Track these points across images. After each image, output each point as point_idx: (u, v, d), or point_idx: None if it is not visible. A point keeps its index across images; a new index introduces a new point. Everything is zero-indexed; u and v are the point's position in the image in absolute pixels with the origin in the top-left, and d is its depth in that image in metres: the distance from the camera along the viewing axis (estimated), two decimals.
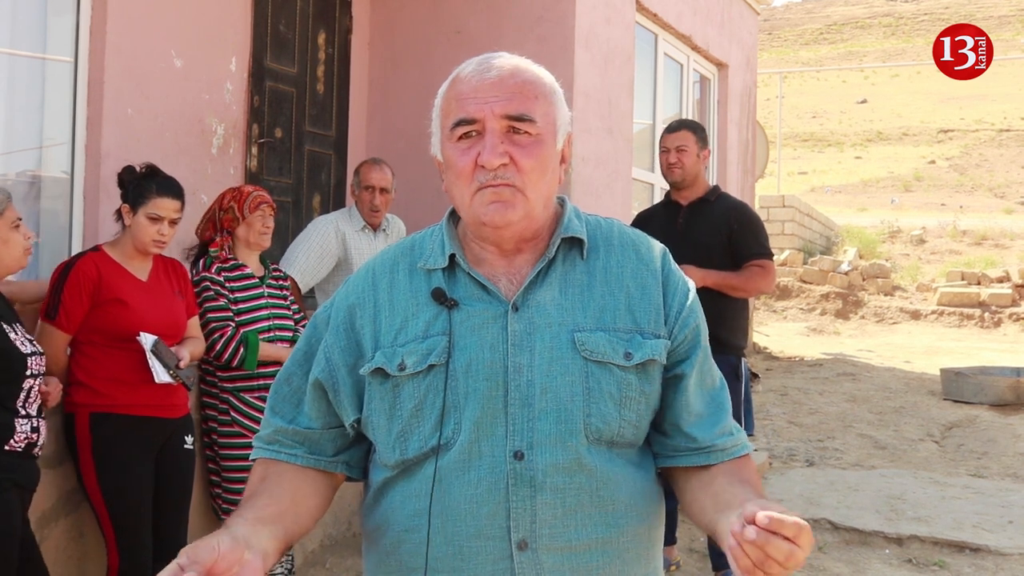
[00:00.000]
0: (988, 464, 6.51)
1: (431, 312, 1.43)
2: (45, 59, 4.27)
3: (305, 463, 1.49)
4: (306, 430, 1.50)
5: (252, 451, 1.55)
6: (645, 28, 7.18)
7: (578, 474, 1.37)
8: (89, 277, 3.20)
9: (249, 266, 3.86)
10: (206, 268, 3.77)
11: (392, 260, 1.51)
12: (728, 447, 1.46)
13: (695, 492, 1.44)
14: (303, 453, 1.50)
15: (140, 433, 3.27)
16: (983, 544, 4.73)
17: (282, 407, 1.52)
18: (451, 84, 1.45)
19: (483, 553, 1.37)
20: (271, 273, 3.95)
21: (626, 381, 1.41)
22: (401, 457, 1.42)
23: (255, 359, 3.70)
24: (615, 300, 1.44)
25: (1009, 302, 13.90)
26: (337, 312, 1.51)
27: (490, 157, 1.37)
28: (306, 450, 1.50)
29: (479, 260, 1.46)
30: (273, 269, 4.00)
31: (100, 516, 3.25)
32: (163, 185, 3.34)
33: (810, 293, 14.46)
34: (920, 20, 58.86)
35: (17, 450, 2.83)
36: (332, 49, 5.87)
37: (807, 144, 34.28)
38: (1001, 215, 20.48)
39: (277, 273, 4.03)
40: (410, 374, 1.41)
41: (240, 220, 3.82)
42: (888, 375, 9.95)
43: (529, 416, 1.38)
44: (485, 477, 1.37)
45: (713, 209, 4.30)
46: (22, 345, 2.87)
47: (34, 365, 2.90)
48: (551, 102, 1.45)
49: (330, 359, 1.48)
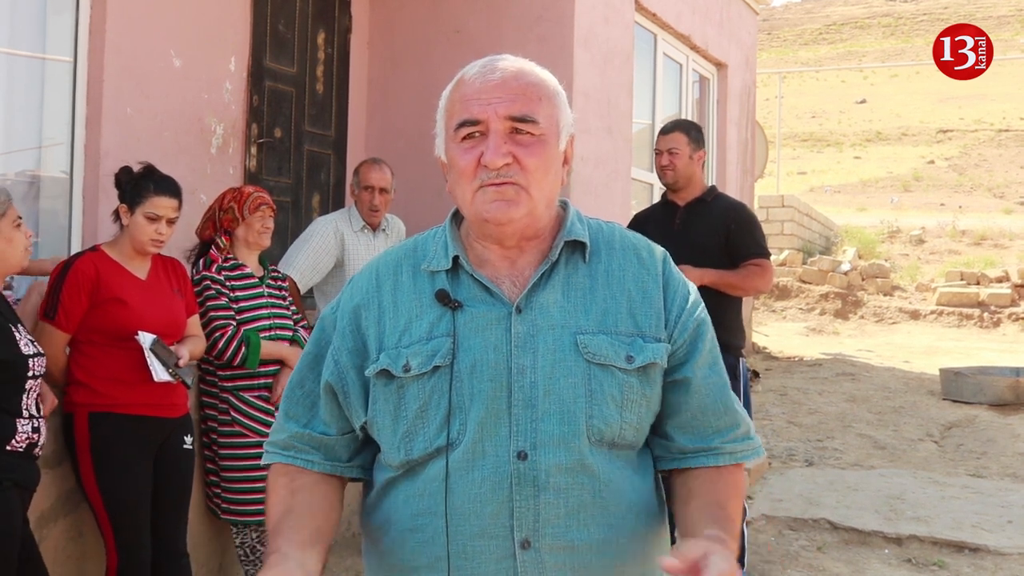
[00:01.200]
0: (987, 464, 6.51)
1: (435, 313, 1.44)
2: (44, 59, 4.27)
3: (322, 469, 1.51)
4: (322, 436, 1.51)
5: (264, 456, 1.56)
6: (644, 28, 7.18)
7: (581, 475, 1.39)
8: (88, 276, 3.20)
9: (249, 266, 3.86)
10: (206, 267, 3.77)
11: (396, 261, 1.52)
12: (736, 451, 1.48)
13: (677, 502, 1.47)
14: (320, 459, 1.51)
15: (139, 432, 3.27)
16: (982, 544, 4.73)
17: (296, 411, 1.53)
18: (455, 86, 1.46)
19: (486, 552, 1.38)
20: (270, 273, 3.95)
21: (628, 384, 1.42)
22: (406, 458, 1.43)
23: (257, 358, 3.70)
24: (617, 303, 1.46)
25: (1008, 302, 13.90)
26: (343, 314, 1.51)
27: (493, 157, 1.38)
28: (322, 456, 1.51)
29: (482, 262, 1.47)
30: (272, 270, 4.00)
31: (98, 515, 3.25)
32: (160, 184, 3.34)
33: (809, 293, 14.47)
34: (919, 20, 58.88)
35: (18, 450, 2.83)
36: (331, 49, 5.87)
37: (806, 144, 34.29)
38: (1000, 215, 20.49)
39: (276, 273, 4.03)
40: (415, 375, 1.42)
41: (240, 220, 3.82)
42: (887, 375, 9.95)
43: (532, 417, 1.39)
44: (489, 477, 1.38)
45: (710, 209, 4.30)
46: (25, 347, 2.88)
47: (36, 366, 2.91)
48: (554, 104, 1.46)
49: (338, 362, 1.49)
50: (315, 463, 1.51)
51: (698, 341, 1.49)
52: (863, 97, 41.27)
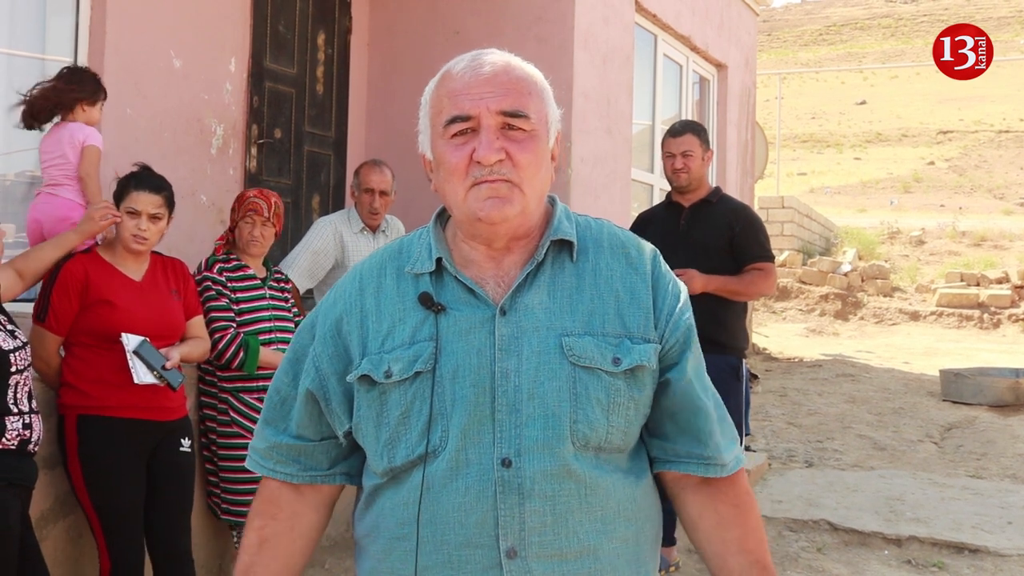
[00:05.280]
0: (987, 465, 6.51)
1: (418, 317, 1.41)
2: (44, 59, 4.27)
3: (300, 481, 1.51)
4: (300, 443, 1.50)
5: (247, 459, 1.56)
6: (644, 29, 7.18)
7: (566, 481, 1.36)
8: (76, 278, 3.19)
9: (251, 267, 3.85)
10: (208, 267, 3.77)
11: (379, 264, 1.49)
12: (728, 462, 1.46)
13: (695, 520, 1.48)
14: (298, 471, 1.51)
15: (129, 436, 3.24)
16: (982, 545, 4.73)
17: (272, 416, 1.53)
18: (441, 81, 1.43)
19: (472, 562, 1.35)
20: (272, 275, 3.95)
21: (615, 387, 1.39)
22: (389, 465, 1.40)
23: (255, 363, 3.69)
24: (604, 304, 1.42)
25: (1008, 303, 13.90)
26: (324, 319, 1.49)
27: (487, 153, 1.35)
28: (300, 467, 1.51)
29: (467, 263, 1.44)
30: (275, 271, 4.00)
31: (90, 518, 3.23)
32: (140, 180, 3.32)
33: (809, 294, 14.47)
34: (919, 21, 58.89)
35: (11, 448, 2.82)
36: (331, 50, 5.87)
37: (806, 145, 34.30)
38: (1000, 216, 20.49)
39: (279, 275, 4.02)
40: (396, 381, 1.39)
41: (236, 222, 3.83)
42: (887, 376, 9.95)
43: (516, 423, 1.36)
44: (473, 485, 1.35)
45: (715, 211, 4.29)
46: (4, 342, 2.85)
47: (18, 360, 2.88)
48: (543, 99, 1.43)
49: (319, 368, 1.47)
50: (294, 476, 1.51)
51: (690, 342, 1.47)
52: (863, 98, 41.28)
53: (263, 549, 1.51)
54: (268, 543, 1.51)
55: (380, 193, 4.52)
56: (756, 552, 1.45)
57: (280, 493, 1.52)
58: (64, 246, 3.27)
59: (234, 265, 3.81)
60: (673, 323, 1.44)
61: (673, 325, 1.44)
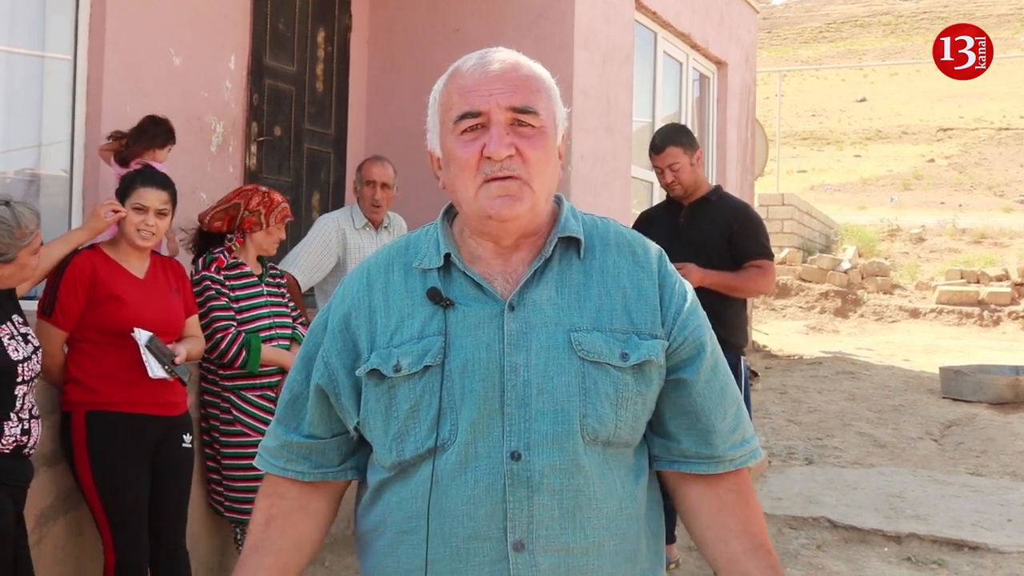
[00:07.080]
0: (987, 462, 6.52)
1: (427, 312, 1.42)
2: (44, 57, 4.27)
3: (312, 479, 1.51)
4: (311, 441, 1.50)
5: (257, 459, 1.56)
6: (644, 26, 7.18)
7: (575, 475, 1.37)
8: (84, 274, 3.20)
9: (247, 264, 3.86)
10: (206, 267, 3.76)
11: (387, 260, 1.50)
12: (735, 457, 1.47)
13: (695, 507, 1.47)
14: (309, 468, 1.51)
15: (136, 431, 3.26)
16: (982, 542, 4.73)
17: (285, 415, 1.53)
18: (451, 78, 1.44)
19: (480, 554, 1.36)
20: (268, 271, 3.95)
21: (623, 382, 1.40)
22: (398, 459, 1.41)
23: (257, 362, 3.70)
24: (612, 300, 1.43)
25: (1008, 300, 13.90)
26: (333, 315, 1.50)
27: (497, 148, 1.36)
28: (311, 464, 1.51)
29: (475, 259, 1.45)
30: (270, 267, 4.00)
31: (96, 514, 3.24)
32: (147, 176, 3.36)
33: (809, 291, 14.47)
34: (919, 19, 58.84)
35: (5, 452, 2.82)
36: (331, 47, 5.87)
37: (806, 142, 34.27)
38: (1000, 213, 20.46)
39: (274, 271, 4.03)
40: (406, 375, 1.40)
41: (263, 226, 3.82)
42: (887, 373, 9.95)
43: (526, 416, 1.37)
44: (482, 478, 1.36)
45: (714, 209, 4.29)
46: (14, 351, 2.86)
47: (26, 371, 2.89)
48: (551, 97, 1.45)
49: (328, 363, 1.47)
50: (304, 473, 1.51)
51: (702, 343, 1.47)
52: (863, 95, 41.24)
53: (270, 526, 1.50)
54: (276, 520, 1.51)
55: (382, 186, 4.53)
56: (758, 536, 1.46)
57: (288, 487, 1.52)
58: (71, 243, 3.29)
59: (231, 263, 3.81)
60: (680, 323, 1.45)
61: (681, 325, 1.45)
